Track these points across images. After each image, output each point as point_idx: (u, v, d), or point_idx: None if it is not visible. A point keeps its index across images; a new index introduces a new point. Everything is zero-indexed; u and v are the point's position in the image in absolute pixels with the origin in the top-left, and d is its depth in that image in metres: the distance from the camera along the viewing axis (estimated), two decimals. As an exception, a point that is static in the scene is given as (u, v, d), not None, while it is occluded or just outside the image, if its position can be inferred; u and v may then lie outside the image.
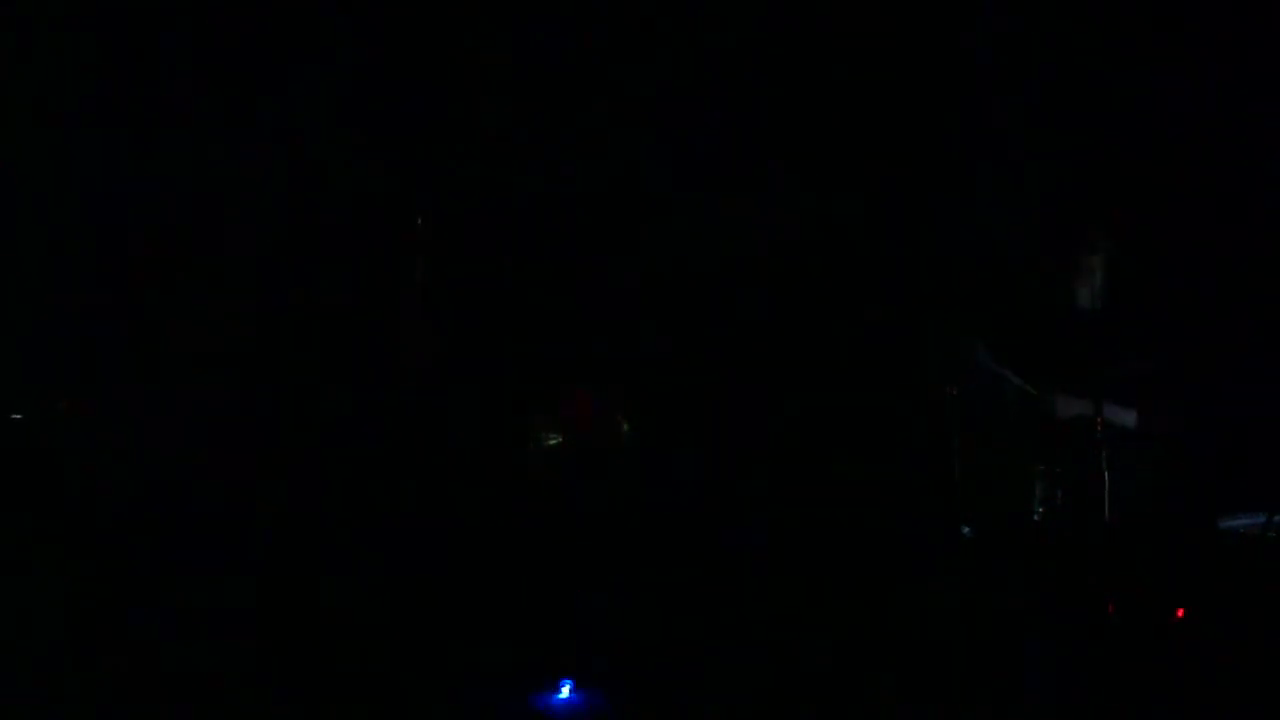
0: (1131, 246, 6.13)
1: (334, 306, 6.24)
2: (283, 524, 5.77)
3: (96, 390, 5.96)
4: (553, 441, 6.02)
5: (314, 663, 5.28)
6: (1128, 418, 5.83)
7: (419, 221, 5.81)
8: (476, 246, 6.38)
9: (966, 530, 5.83)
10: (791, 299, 6.50)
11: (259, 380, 6.14)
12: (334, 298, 6.24)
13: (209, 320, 6.19)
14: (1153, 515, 5.74)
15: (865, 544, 5.96)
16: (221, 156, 6.22)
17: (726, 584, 5.93)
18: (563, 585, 5.82)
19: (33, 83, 6.07)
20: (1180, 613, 5.23)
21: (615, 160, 6.52)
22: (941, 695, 5.17)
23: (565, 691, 5.39)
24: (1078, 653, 5.24)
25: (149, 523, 5.65)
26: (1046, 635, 5.35)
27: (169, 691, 5.06)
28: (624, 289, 6.55)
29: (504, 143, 6.46)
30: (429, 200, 6.09)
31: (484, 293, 6.42)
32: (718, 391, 6.47)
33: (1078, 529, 5.69)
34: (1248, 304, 6.12)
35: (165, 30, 6.14)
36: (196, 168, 6.18)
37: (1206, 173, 6.26)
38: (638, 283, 6.54)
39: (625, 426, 6.04)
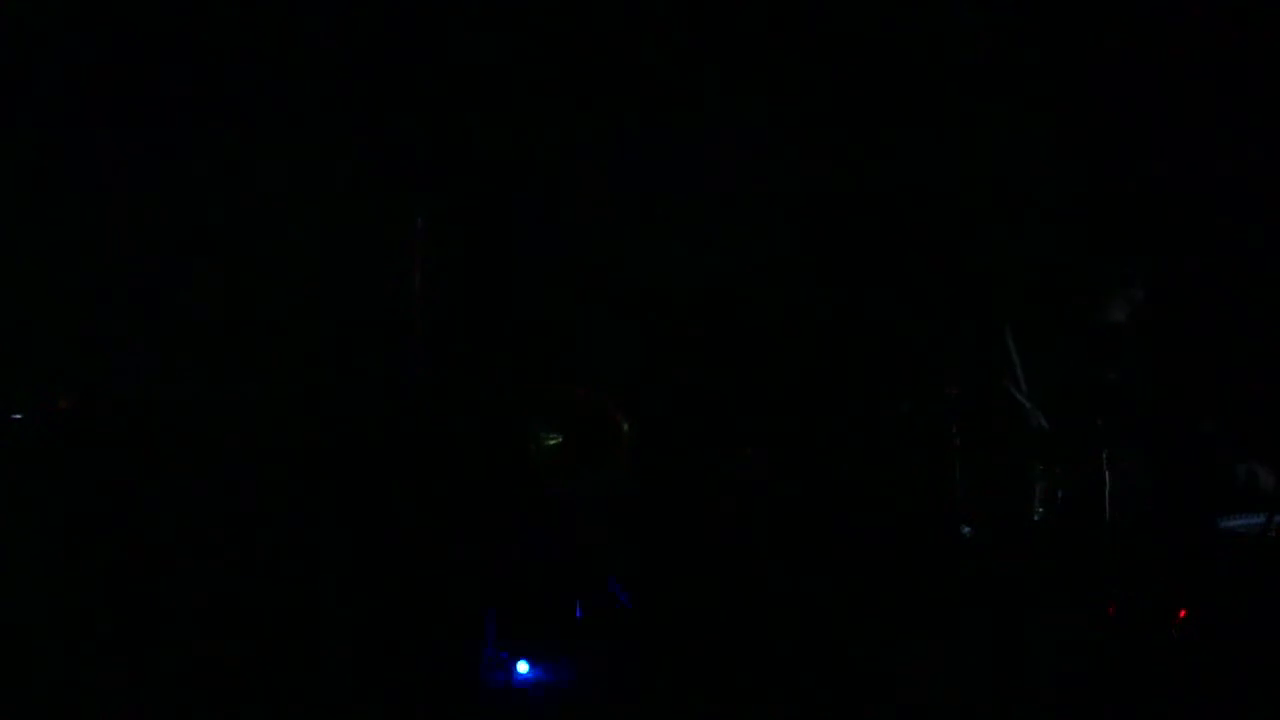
0: (1138, 252, 6.15)
1: (334, 306, 6.24)
2: (279, 520, 5.78)
3: (96, 388, 5.95)
4: (552, 441, 6.01)
5: (280, 644, 5.28)
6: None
7: (419, 222, 5.81)
8: (476, 247, 6.38)
9: (966, 530, 5.84)
10: (794, 299, 6.51)
11: (259, 379, 6.14)
12: (334, 297, 6.25)
13: (209, 319, 6.19)
14: (1153, 515, 5.75)
15: (865, 543, 5.97)
16: (221, 155, 6.21)
17: (721, 579, 5.93)
18: (522, 564, 5.81)
19: (32, 80, 6.07)
20: (1182, 613, 5.23)
21: (620, 160, 6.53)
22: (941, 695, 5.17)
23: (523, 668, 5.38)
24: (1078, 653, 5.24)
25: (149, 520, 5.66)
26: (1046, 635, 5.35)
27: (167, 690, 5.07)
28: (625, 288, 6.56)
29: (505, 143, 6.47)
30: (429, 201, 6.09)
31: (484, 293, 6.42)
32: (718, 390, 6.47)
33: (1078, 529, 5.69)
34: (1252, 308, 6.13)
35: (166, 27, 6.14)
36: (197, 166, 6.18)
37: (1214, 178, 6.28)
38: (639, 281, 6.56)
39: (625, 426, 6.03)
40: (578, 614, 5.74)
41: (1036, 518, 5.85)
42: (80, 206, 6.10)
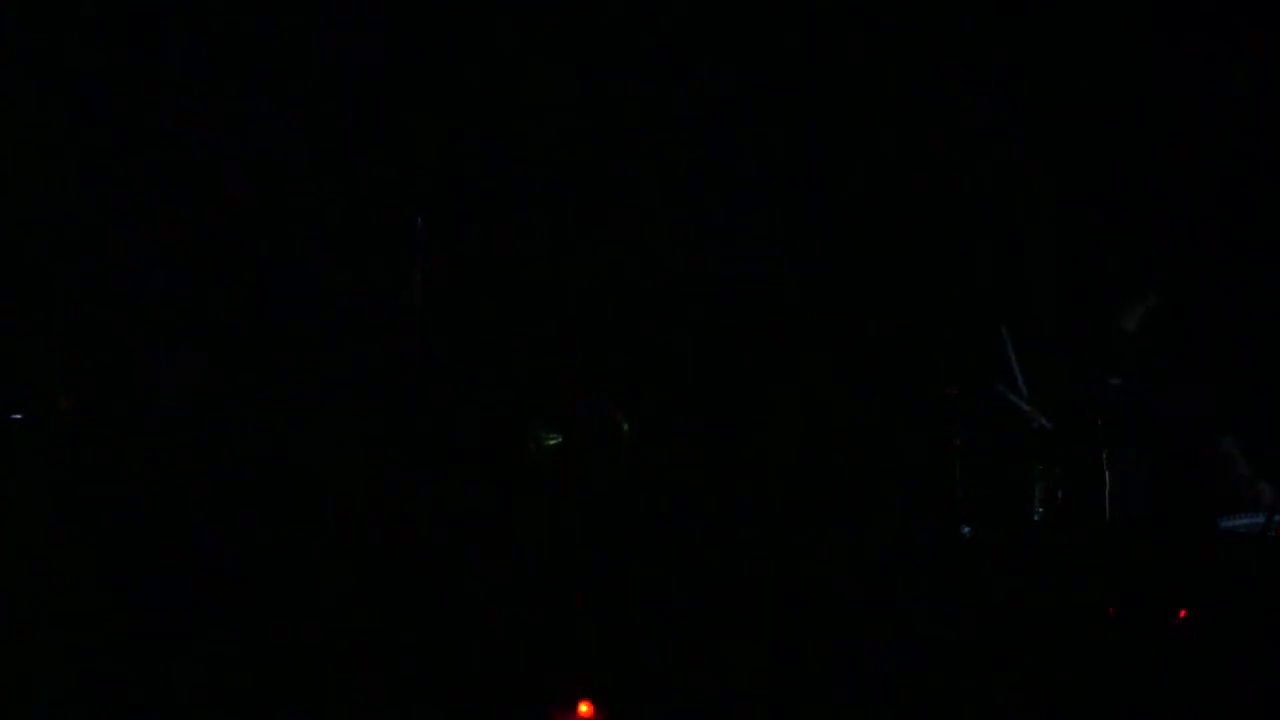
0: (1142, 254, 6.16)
1: (335, 305, 6.25)
2: (284, 526, 5.77)
3: (96, 388, 5.95)
4: (552, 442, 6.01)
5: (321, 677, 5.27)
6: None
7: (419, 221, 5.81)
8: (476, 247, 6.39)
9: (966, 530, 5.84)
10: (796, 300, 6.51)
11: (259, 379, 6.14)
12: (335, 297, 6.25)
13: (209, 318, 6.19)
14: (1153, 515, 5.75)
15: (866, 544, 5.97)
16: (222, 156, 6.22)
17: (726, 589, 5.93)
18: (580, 601, 5.80)
19: (34, 79, 6.08)
20: (1182, 613, 5.23)
21: (617, 158, 6.54)
22: (940, 696, 5.17)
23: (583, 709, 5.36)
24: (1078, 653, 5.24)
25: (150, 520, 5.65)
26: (1046, 636, 5.36)
27: (169, 692, 5.06)
28: (625, 288, 6.56)
29: (505, 142, 6.47)
30: (430, 200, 6.10)
31: (484, 293, 6.43)
32: (718, 391, 6.48)
33: (1078, 529, 5.70)
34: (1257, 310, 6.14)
35: (170, 24, 6.15)
36: (198, 167, 6.19)
37: (1220, 184, 6.28)
38: (640, 280, 6.56)
39: (625, 426, 6.03)
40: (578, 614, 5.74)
41: (1036, 518, 5.85)
42: (80, 206, 6.10)
